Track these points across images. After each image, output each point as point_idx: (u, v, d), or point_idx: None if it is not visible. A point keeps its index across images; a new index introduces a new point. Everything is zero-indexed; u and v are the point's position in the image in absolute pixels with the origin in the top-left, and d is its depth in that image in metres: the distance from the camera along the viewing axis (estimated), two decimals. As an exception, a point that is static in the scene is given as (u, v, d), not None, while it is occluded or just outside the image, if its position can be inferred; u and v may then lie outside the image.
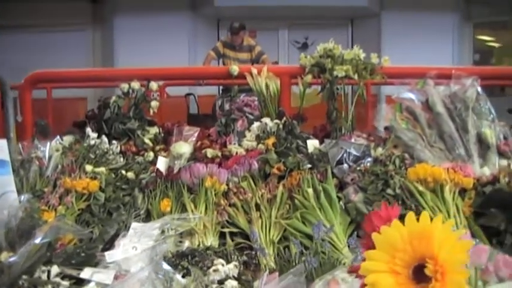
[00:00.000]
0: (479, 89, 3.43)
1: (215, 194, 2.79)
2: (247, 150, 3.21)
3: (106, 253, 2.25)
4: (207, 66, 8.49)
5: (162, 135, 3.55)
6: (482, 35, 13.13)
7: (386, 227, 1.27)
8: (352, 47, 10.35)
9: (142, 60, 9.69)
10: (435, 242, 1.19)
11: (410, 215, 1.25)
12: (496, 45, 13.38)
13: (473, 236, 2.64)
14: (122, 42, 11.40)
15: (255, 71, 3.64)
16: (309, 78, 3.57)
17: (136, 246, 2.30)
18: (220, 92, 8.79)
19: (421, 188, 2.66)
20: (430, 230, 1.21)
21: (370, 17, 11.72)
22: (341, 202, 2.73)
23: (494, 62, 12.65)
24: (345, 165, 3.02)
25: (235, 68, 3.72)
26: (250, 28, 11.57)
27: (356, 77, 3.49)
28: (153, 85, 3.67)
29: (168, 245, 2.44)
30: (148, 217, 2.78)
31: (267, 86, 3.56)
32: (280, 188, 2.76)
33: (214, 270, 2.07)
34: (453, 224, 1.30)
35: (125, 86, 3.63)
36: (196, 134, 3.44)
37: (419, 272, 1.20)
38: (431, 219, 2.55)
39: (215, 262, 2.13)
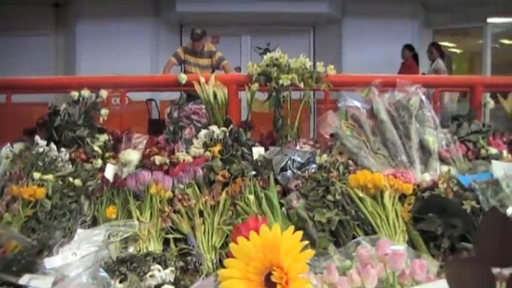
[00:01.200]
0: (423, 97, 3.52)
1: (160, 201, 2.83)
2: (194, 157, 3.25)
3: (45, 259, 2.28)
4: (168, 72, 8.51)
5: (112, 142, 3.57)
6: (442, 42, 13.31)
7: (242, 237, 1.37)
8: (314, 53, 10.47)
9: (105, 66, 9.68)
10: (282, 251, 1.29)
11: (264, 228, 1.36)
12: (456, 51, 13.59)
13: (411, 240, 2.73)
14: (84, 48, 11.34)
15: (202, 79, 3.69)
16: (255, 86, 3.63)
17: (76, 252, 2.32)
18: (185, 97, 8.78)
19: (361, 194, 2.74)
20: (278, 241, 1.31)
21: (332, 23, 11.81)
22: (283, 208, 2.79)
23: (454, 68, 12.83)
24: (289, 172, 3.08)
25: (183, 77, 3.76)
26: (213, 34, 11.61)
27: (302, 85, 3.55)
28: (103, 93, 3.69)
29: (110, 250, 2.47)
30: (94, 224, 2.81)
31: (214, 94, 3.61)
32: (224, 194, 2.81)
33: (151, 276, 2.11)
34: (299, 235, 1.39)
35: (75, 94, 3.65)
36: (145, 142, 3.47)
37: (269, 279, 1.30)
38: (377, 224, 2.63)
39: (152, 268, 2.17)
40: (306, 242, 1.68)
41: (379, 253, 1.71)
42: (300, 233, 1.40)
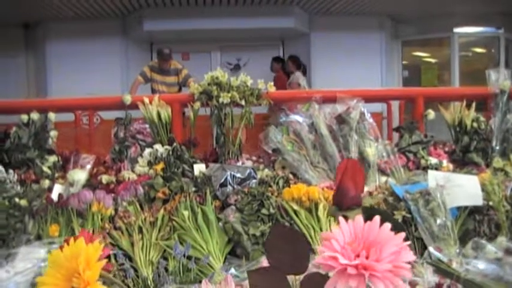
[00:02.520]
0: (364, 109, 3.61)
1: (101, 219, 2.90)
2: (139, 176, 3.32)
3: (-23, 278, 2.33)
4: (135, 90, 8.59)
5: (61, 163, 3.63)
6: (410, 53, 13.49)
7: (57, 250, 1.49)
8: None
9: (76, 86, 9.79)
10: (81, 260, 1.40)
11: (78, 240, 1.49)
12: (428, 61, 13.75)
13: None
14: (55, 68, 11.39)
15: (146, 99, 3.76)
16: (197, 105, 3.71)
17: (9, 269, 2.37)
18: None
19: (295, 207, 2.81)
20: (80, 251, 1.43)
21: (300, 37, 11.92)
22: (220, 222, 2.86)
23: (423, 78, 12.98)
24: (229, 188, 3.15)
25: (127, 98, 3.83)
26: (182, 50, 11.71)
27: (243, 102, 3.63)
28: (51, 116, 3.75)
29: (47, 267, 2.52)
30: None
31: (158, 113, 3.69)
32: (162, 211, 2.88)
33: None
34: (99, 247, 1.52)
35: (24, 117, 3.71)
36: (92, 161, 3.54)
37: (75, 285, 1.43)
38: (311, 236, 2.70)
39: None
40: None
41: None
42: (98, 245, 1.51)
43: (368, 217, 2.75)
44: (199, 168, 3.31)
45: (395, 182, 3.28)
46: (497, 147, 3.95)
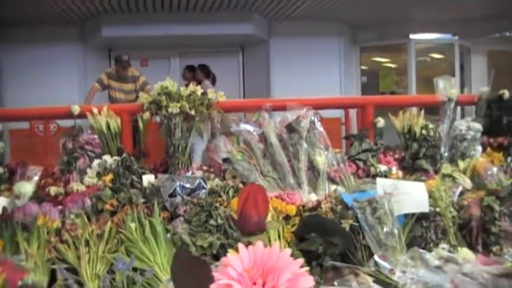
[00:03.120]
0: (314, 118, 3.62)
1: (47, 232, 2.86)
2: (88, 187, 3.29)
3: None
4: (92, 97, 8.53)
5: (7, 174, 3.58)
6: (369, 58, 13.62)
7: None
8: (243, 73, 10.57)
9: (33, 94, 9.67)
10: None
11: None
12: (384, 66, 13.89)
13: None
14: (11, 76, 11.21)
15: (95, 110, 3.73)
16: (147, 115, 3.69)
17: None
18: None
19: (244, 217, 2.80)
20: None
21: (260, 44, 11.93)
22: (169, 234, 2.84)
23: (380, 84, 13.11)
24: (178, 198, 3.13)
25: (75, 108, 3.80)
26: (141, 57, 11.64)
27: (193, 112, 3.62)
28: (-1, 127, 3.72)
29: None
30: (-17, 258, 2.82)
31: (107, 124, 3.66)
32: (109, 223, 2.85)
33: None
34: None
35: (-33, 128, 3.67)
36: (39, 173, 3.49)
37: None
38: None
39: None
40: None
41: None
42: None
43: (312, 227, 2.78)
44: (148, 179, 3.29)
45: (344, 191, 3.31)
46: (446, 154, 4.01)
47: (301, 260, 1.32)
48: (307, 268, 1.32)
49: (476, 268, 2.46)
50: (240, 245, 1.34)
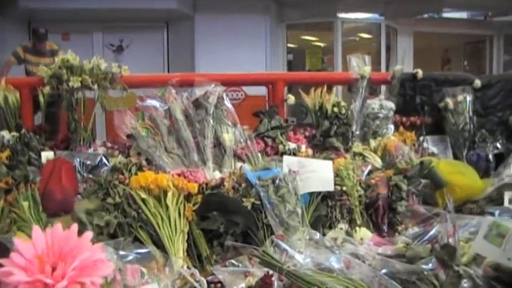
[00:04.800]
0: (223, 94, 3.55)
1: None
2: (-16, 164, 3.14)
3: None
4: (6, 72, 8.23)
5: None
6: (297, 37, 13.60)
7: None
8: (168, 49, 10.38)
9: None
10: None
11: None
12: (311, 45, 13.90)
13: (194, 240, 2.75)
14: None
15: (-7, 83, 3.58)
16: (47, 89, 3.54)
17: None
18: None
19: (143, 195, 2.71)
20: None
21: (185, 20, 11.73)
22: (64, 213, 2.73)
23: (307, 62, 13.12)
24: (78, 176, 3.02)
25: (-27, 82, 3.64)
26: (63, 31, 11.30)
27: (96, 87, 3.50)
28: None
29: None
30: None
31: (5, 98, 3.51)
32: (1, 202, 2.72)
33: None
34: None
35: None
36: None
37: None
38: (158, 225, 2.61)
39: None
40: None
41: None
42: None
43: (214, 205, 2.71)
44: (47, 156, 3.16)
45: (251, 168, 3.25)
46: (357, 132, 4.00)
47: (100, 245, 1.21)
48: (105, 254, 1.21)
49: (369, 249, 2.44)
50: (35, 228, 1.22)
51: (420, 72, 4.48)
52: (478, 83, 4.57)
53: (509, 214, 3.01)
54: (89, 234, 1.22)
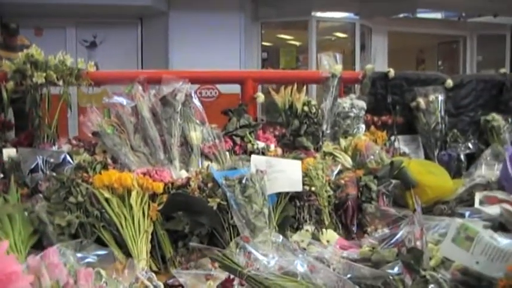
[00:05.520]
0: (191, 92, 3.49)
1: None
2: None
3: None
4: (-25, 67, 8.10)
5: None
6: (272, 35, 13.56)
7: None
8: (142, 46, 10.29)
9: None
10: None
11: None
12: (286, 43, 13.87)
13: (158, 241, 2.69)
14: None
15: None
16: (10, 85, 3.46)
17: None
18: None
19: (107, 194, 2.65)
20: None
21: (159, 16, 11.63)
22: (27, 212, 2.66)
23: (281, 61, 13.10)
24: (40, 174, 2.95)
25: None
26: (35, 25, 11.17)
27: (61, 82, 3.42)
28: None
29: None
30: None
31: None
32: (-43, 200, 2.65)
33: None
34: None
35: None
36: None
37: None
38: (121, 225, 2.55)
39: None
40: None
41: (46, 262, 1.63)
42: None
43: (176, 205, 2.65)
44: (8, 152, 3.08)
45: (218, 168, 3.19)
46: (328, 131, 3.96)
47: (12, 256, 1.14)
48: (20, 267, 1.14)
49: (334, 253, 2.40)
50: None
51: (392, 71, 4.46)
52: (449, 82, 4.55)
53: (479, 215, 2.98)
54: (3, 244, 1.14)
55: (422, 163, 3.93)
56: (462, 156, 4.28)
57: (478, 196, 3.35)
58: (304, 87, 3.97)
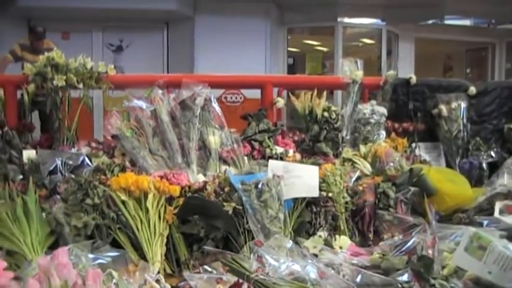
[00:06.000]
0: (211, 96, 3.50)
1: None
2: (-36, 162, 3.10)
3: None
4: (3, 69, 8.19)
5: None
6: (298, 41, 13.54)
7: None
8: (168, 50, 10.33)
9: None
10: None
11: None
12: (312, 49, 13.83)
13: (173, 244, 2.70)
14: None
15: (-24, 81, 3.55)
16: (31, 88, 3.50)
17: None
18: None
19: (123, 197, 2.66)
20: None
21: (185, 21, 11.67)
22: (45, 213, 2.69)
23: (307, 66, 13.07)
24: (59, 175, 2.98)
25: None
26: (62, 29, 11.26)
27: (81, 86, 3.45)
28: None
29: None
30: None
31: (-10, 96, 3.49)
32: (-22, 200, 2.68)
33: None
34: None
35: None
36: None
37: None
38: (137, 227, 2.56)
39: None
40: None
41: (55, 262, 1.64)
42: None
43: (191, 208, 2.65)
44: (28, 154, 3.12)
45: (236, 172, 3.20)
46: (348, 137, 3.95)
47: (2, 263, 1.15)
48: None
49: (344, 259, 2.38)
50: None
51: (414, 78, 4.43)
52: (472, 89, 4.52)
53: (497, 225, 2.95)
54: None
55: (442, 171, 3.89)
56: (484, 165, 4.23)
57: (498, 205, 3.31)
58: (325, 93, 3.95)
